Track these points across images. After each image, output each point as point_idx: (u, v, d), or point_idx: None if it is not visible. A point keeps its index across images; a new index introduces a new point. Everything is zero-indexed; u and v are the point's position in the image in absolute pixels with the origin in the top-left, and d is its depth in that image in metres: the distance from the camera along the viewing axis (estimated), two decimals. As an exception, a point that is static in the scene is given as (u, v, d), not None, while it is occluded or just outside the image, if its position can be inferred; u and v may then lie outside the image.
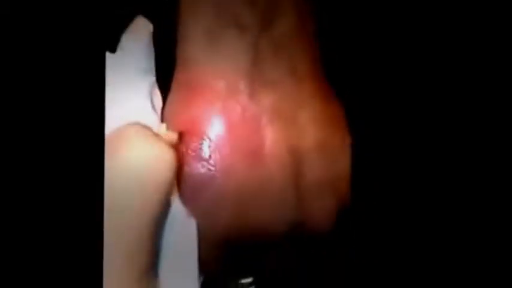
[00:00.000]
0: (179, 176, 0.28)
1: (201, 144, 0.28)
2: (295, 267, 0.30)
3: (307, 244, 0.30)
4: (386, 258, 0.30)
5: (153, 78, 0.28)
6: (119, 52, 0.28)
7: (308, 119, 0.30)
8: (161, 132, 0.28)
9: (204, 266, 0.28)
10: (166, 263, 0.28)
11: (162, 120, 0.29)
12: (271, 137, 0.29)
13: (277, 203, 0.29)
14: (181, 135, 0.28)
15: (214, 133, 0.28)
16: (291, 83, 0.29)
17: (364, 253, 0.31)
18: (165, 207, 0.27)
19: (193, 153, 0.28)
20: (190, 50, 0.29)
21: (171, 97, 0.29)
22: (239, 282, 0.30)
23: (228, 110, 0.28)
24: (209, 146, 0.28)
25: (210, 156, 0.28)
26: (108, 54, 0.27)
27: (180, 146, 0.28)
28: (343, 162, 0.30)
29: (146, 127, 0.27)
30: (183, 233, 0.28)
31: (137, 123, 0.27)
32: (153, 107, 0.28)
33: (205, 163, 0.28)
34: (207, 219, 0.28)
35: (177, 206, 0.28)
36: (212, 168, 0.28)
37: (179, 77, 0.29)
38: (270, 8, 0.28)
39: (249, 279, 0.30)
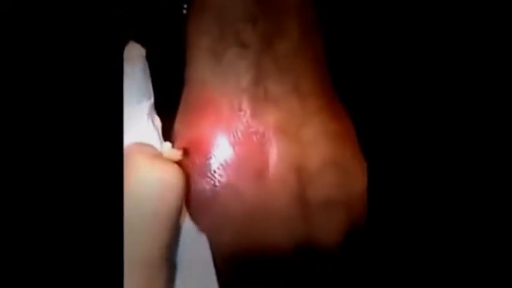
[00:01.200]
0: (186, 194, 0.28)
1: (206, 161, 0.29)
2: (303, 283, 0.30)
3: (315, 260, 0.29)
4: (397, 279, 0.28)
5: (151, 101, 0.29)
6: None
7: (313, 136, 0.29)
8: (166, 151, 0.28)
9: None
10: (184, 279, 0.28)
11: (169, 139, 0.30)
12: (275, 154, 0.29)
13: (282, 221, 0.29)
14: (186, 153, 0.29)
15: (218, 151, 0.29)
16: (295, 100, 0.29)
17: (374, 273, 0.29)
18: (175, 229, 0.27)
19: (198, 171, 0.29)
20: (196, 70, 0.30)
21: (178, 116, 0.30)
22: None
23: (230, 127, 0.29)
24: (213, 164, 0.29)
25: (214, 173, 0.29)
26: None
27: (185, 164, 0.28)
28: (355, 180, 0.30)
29: (151, 151, 0.28)
30: (196, 249, 0.28)
31: (142, 146, 0.28)
32: (154, 127, 0.29)
33: (209, 180, 0.28)
34: (212, 236, 0.28)
35: (188, 225, 0.28)
36: (216, 185, 0.28)
37: (186, 96, 0.30)
38: (271, 28, 0.29)
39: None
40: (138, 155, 0.27)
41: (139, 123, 0.28)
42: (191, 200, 0.28)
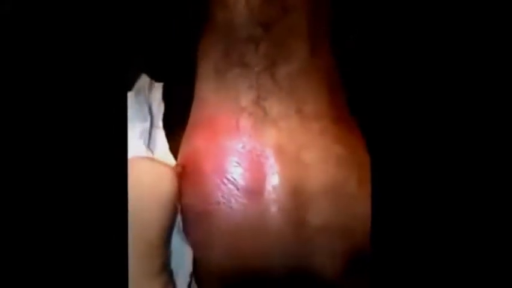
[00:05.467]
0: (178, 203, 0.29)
1: (200, 178, 0.29)
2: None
3: None
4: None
5: (146, 124, 0.31)
6: None
7: (315, 159, 0.28)
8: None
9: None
10: None
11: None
12: (272, 175, 0.28)
13: (276, 243, 0.28)
14: (182, 169, 0.29)
15: (213, 168, 0.29)
16: (296, 121, 0.29)
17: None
18: (170, 218, 0.28)
19: (192, 186, 0.29)
20: (200, 90, 0.30)
21: (184, 135, 0.31)
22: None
23: (227, 145, 0.29)
24: (207, 180, 0.28)
25: (207, 189, 0.28)
26: None
27: (180, 178, 0.29)
28: (358, 207, 0.28)
29: (147, 157, 0.30)
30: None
31: (138, 156, 0.30)
32: (148, 149, 0.31)
33: (202, 197, 0.28)
34: (201, 252, 0.29)
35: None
36: (209, 201, 0.28)
37: (191, 115, 0.31)
38: (273, 49, 0.29)
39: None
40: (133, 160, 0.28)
41: (130, 145, 0.29)
42: (182, 214, 0.29)
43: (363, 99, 0.30)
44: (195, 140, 0.29)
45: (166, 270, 0.29)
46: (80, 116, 0.24)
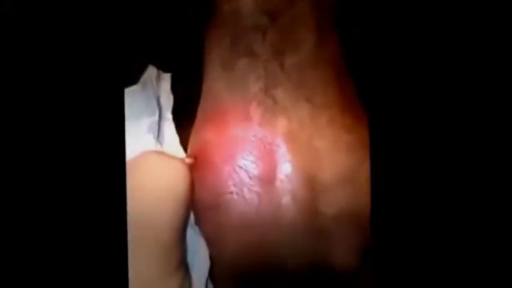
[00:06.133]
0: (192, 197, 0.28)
1: (211, 169, 0.28)
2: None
3: (330, 283, 0.28)
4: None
5: (154, 117, 0.30)
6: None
7: (326, 147, 0.28)
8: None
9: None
10: None
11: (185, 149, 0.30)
12: (284, 164, 0.28)
13: (291, 234, 0.27)
14: (194, 159, 0.29)
15: (224, 158, 0.28)
16: (306, 110, 0.29)
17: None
18: (185, 214, 0.28)
19: (203, 178, 0.28)
20: (208, 82, 0.30)
21: (193, 128, 0.30)
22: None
23: (238, 136, 0.29)
24: (219, 172, 0.28)
25: (219, 181, 0.28)
26: None
27: (192, 169, 0.28)
28: (364, 193, 0.27)
29: (158, 151, 0.29)
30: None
31: (150, 151, 0.29)
32: (157, 142, 0.30)
33: (214, 188, 0.28)
34: (214, 245, 0.28)
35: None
36: (221, 193, 0.28)
37: (201, 107, 0.31)
38: (281, 39, 0.29)
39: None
40: (144, 155, 0.28)
41: (138, 140, 0.29)
42: (195, 206, 0.28)
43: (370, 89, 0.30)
44: (205, 132, 0.29)
45: (182, 266, 0.28)
46: (81, 115, 0.24)
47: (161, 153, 0.29)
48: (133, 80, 0.31)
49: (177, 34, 0.31)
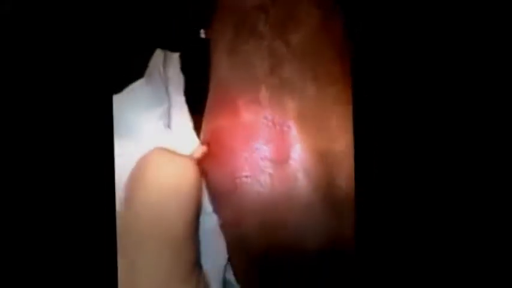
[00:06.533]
0: (207, 185, 0.29)
1: (225, 154, 0.29)
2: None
3: (343, 263, 0.28)
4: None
5: (165, 106, 0.30)
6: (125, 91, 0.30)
7: (338, 124, 0.28)
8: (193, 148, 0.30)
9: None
10: None
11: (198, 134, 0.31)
12: (296, 142, 0.28)
13: (306, 215, 0.27)
14: (207, 146, 0.29)
15: (237, 142, 0.29)
16: (313, 88, 0.29)
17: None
18: (194, 213, 0.28)
19: (218, 163, 0.29)
20: (216, 69, 0.30)
21: (204, 115, 0.31)
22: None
23: (249, 118, 0.29)
24: (233, 155, 0.28)
25: (234, 165, 0.28)
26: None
27: (207, 156, 0.29)
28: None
29: (167, 150, 0.29)
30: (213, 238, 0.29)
31: (159, 148, 0.29)
32: (168, 130, 0.30)
33: (229, 173, 0.28)
34: (234, 229, 0.28)
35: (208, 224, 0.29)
36: (236, 176, 0.28)
37: (210, 94, 0.31)
38: (283, 17, 0.29)
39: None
40: (152, 153, 0.28)
41: (149, 128, 0.29)
42: (211, 192, 0.29)
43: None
44: (217, 119, 0.29)
45: (196, 268, 0.28)
46: (82, 114, 0.25)
47: (169, 151, 0.29)
48: (137, 75, 0.31)
49: (182, 22, 0.32)
